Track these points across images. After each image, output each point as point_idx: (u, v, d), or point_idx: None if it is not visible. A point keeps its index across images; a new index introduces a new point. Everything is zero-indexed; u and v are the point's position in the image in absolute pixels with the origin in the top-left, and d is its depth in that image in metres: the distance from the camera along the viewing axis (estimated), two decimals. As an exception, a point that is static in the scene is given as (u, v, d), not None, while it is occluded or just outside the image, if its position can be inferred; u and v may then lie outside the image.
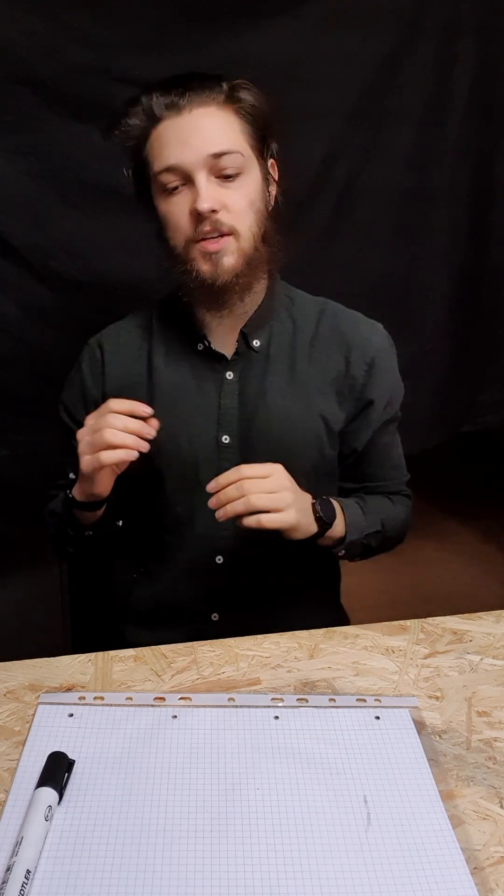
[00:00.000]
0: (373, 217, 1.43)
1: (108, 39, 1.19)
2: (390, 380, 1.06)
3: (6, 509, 1.43)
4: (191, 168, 0.90)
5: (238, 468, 0.88)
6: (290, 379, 1.02)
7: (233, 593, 1.05)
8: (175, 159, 0.90)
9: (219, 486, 0.87)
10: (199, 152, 0.89)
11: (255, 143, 0.94)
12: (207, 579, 1.04)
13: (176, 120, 0.90)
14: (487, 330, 1.60)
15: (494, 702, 0.81)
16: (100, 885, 0.60)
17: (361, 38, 1.29)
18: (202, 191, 0.89)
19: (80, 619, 1.62)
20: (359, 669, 0.86)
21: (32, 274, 1.29)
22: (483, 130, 1.42)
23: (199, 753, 0.72)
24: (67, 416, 1.08)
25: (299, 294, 1.07)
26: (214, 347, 1.01)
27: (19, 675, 0.84)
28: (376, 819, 0.66)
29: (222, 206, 0.90)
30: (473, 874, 0.62)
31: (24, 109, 1.20)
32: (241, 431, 1.01)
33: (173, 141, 0.90)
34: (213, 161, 0.89)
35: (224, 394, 1.02)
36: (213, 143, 0.89)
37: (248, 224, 0.93)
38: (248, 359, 1.02)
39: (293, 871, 0.61)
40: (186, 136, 0.89)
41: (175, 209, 0.92)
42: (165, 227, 0.95)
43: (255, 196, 0.94)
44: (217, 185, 0.91)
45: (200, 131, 0.89)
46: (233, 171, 0.90)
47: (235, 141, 0.91)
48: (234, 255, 0.93)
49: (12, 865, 0.59)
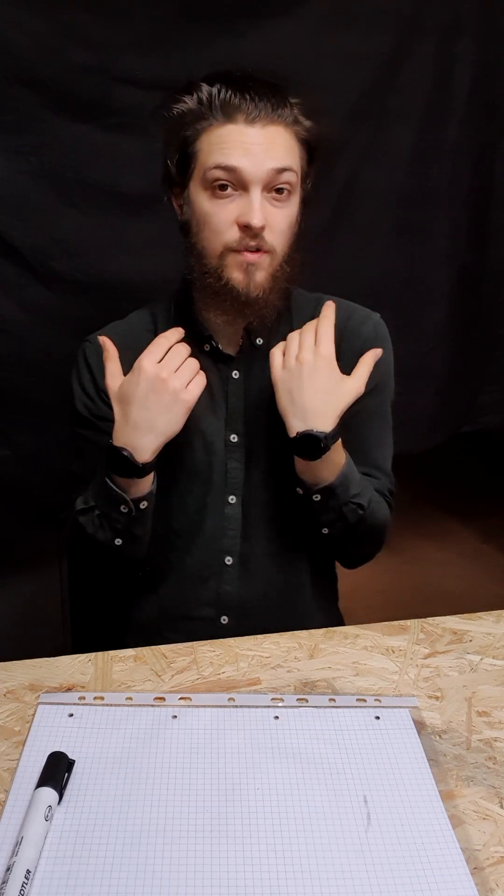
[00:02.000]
0: (373, 217, 1.43)
1: (109, 39, 1.19)
2: (379, 368, 1.03)
3: (6, 509, 1.43)
4: (250, 178, 0.89)
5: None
6: None
7: (242, 595, 1.05)
8: (237, 162, 0.89)
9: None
10: (263, 165, 0.89)
11: (303, 167, 0.95)
12: (216, 580, 1.04)
13: (245, 128, 0.89)
14: (487, 330, 1.60)
15: (494, 702, 0.81)
16: (100, 885, 0.60)
17: (361, 38, 1.30)
18: (256, 205, 0.89)
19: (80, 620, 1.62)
20: (359, 669, 0.86)
21: (32, 274, 1.29)
22: (483, 130, 1.43)
23: (199, 753, 0.72)
24: (93, 416, 1.03)
25: (297, 290, 1.07)
26: (221, 348, 1.01)
27: (19, 675, 0.84)
28: (376, 819, 0.66)
29: (268, 224, 0.91)
30: (473, 874, 0.61)
31: (24, 109, 1.20)
32: (248, 429, 1.02)
33: (238, 147, 0.89)
34: (272, 176, 0.90)
35: (231, 393, 1.02)
36: (277, 158, 0.90)
37: (284, 244, 0.94)
38: (252, 357, 1.02)
39: (293, 871, 0.61)
40: (253, 146, 0.89)
41: (221, 212, 0.91)
42: (202, 226, 0.93)
43: (294, 218, 0.95)
44: (268, 202, 0.91)
45: (269, 146, 0.89)
46: (286, 189, 0.92)
47: (294, 161, 0.92)
48: (266, 272, 0.93)
49: (12, 865, 0.59)
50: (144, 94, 1.21)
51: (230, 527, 1.03)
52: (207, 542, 1.03)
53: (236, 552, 1.04)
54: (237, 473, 1.02)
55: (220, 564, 1.04)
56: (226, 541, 1.03)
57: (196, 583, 1.05)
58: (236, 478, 1.02)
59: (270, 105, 0.89)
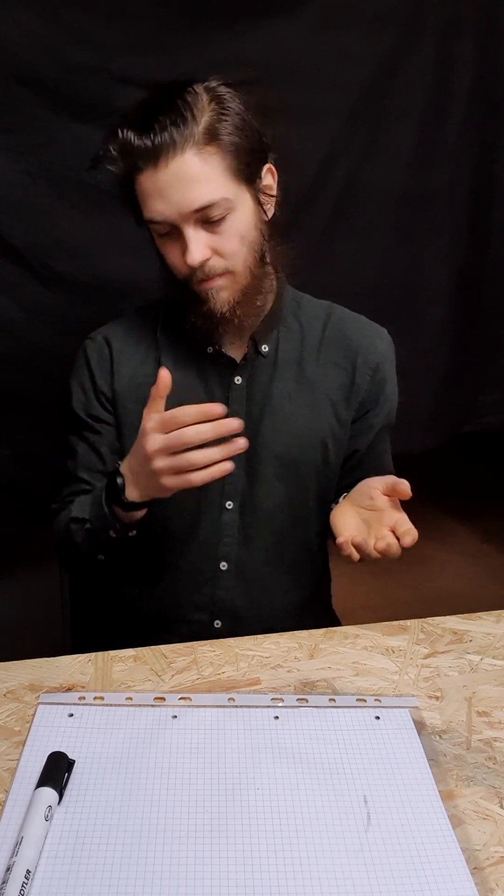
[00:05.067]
0: (373, 217, 1.43)
1: (108, 39, 1.19)
2: (391, 386, 1.07)
3: (6, 509, 1.42)
4: (176, 221, 0.88)
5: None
6: (297, 384, 1.01)
7: (236, 601, 1.05)
8: (159, 215, 0.88)
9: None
10: (182, 209, 0.86)
11: (242, 172, 0.89)
12: (211, 585, 1.04)
13: (154, 174, 0.86)
14: (487, 330, 1.60)
15: (494, 702, 0.81)
16: (100, 885, 0.60)
17: (361, 38, 1.29)
18: (190, 244, 0.88)
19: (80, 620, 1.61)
20: (359, 669, 0.86)
21: (32, 274, 1.28)
22: (483, 130, 1.42)
23: (199, 753, 0.72)
24: (88, 415, 1.04)
25: (305, 298, 1.07)
26: (224, 351, 1.01)
27: (19, 675, 0.84)
28: (376, 819, 0.66)
29: (213, 253, 0.90)
30: (473, 874, 0.62)
31: (24, 109, 1.20)
32: (248, 436, 1.01)
33: (155, 196, 0.87)
34: (197, 214, 0.87)
35: (232, 399, 1.01)
36: (194, 199, 0.86)
37: (242, 259, 0.92)
38: (257, 364, 1.01)
39: (293, 871, 0.61)
40: (167, 192, 0.86)
41: (170, 251, 0.92)
42: (163, 261, 0.94)
43: (246, 230, 0.91)
44: (206, 232, 0.89)
45: (181, 187, 0.86)
46: (219, 216, 0.88)
47: (218, 187, 0.87)
48: (229, 290, 0.93)
49: (12, 865, 0.59)
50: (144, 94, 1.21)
51: (227, 533, 1.03)
52: (203, 547, 1.03)
53: (232, 558, 1.03)
54: (235, 479, 1.01)
55: (216, 570, 1.03)
56: (222, 546, 1.03)
57: (191, 587, 1.05)
58: (234, 484, 1.01)
59: (170, 132, 0.84)
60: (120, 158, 0.88)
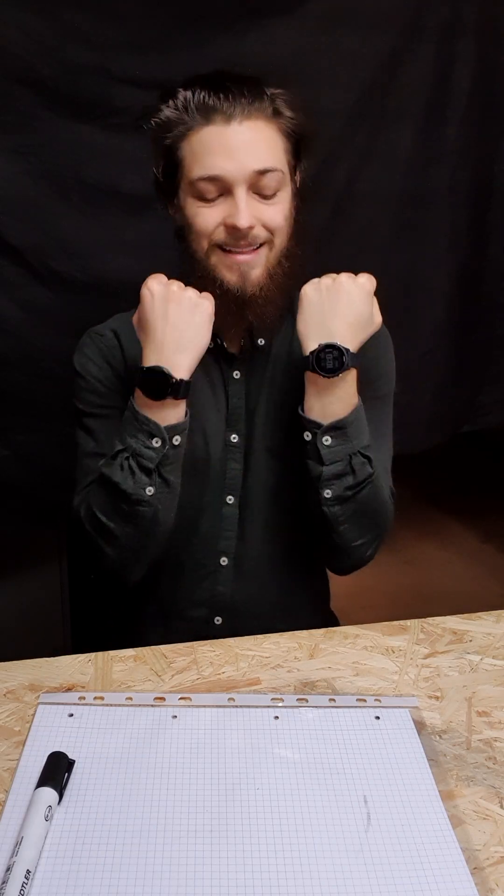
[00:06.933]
0: (373, 217, 1.43)
1: (109, 39, 1.19)
2: (380, 365, 1.04)
3: (6, 509, 1.43)
4: (233, 181, 0.89)
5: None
6: (290, 376, 1.02)
7: (236, 596, 1.05)
8: (219, 170, 0.89)
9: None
10: (245, 167, 0.88)
11: (292, 159, 0.94)
12: (211, 581, 1.04)
13: (223, 129, 0.88)
14: (487, 330, 1.60)
15: (494, 702, 0.81)
16: (100, 885, 0.60)
17: (361, 38, 1.29)
18: (242, 207, 0.89)
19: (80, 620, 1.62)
20: (359, 669, 0.86)
21: (32, 274, 1.29)
22: (483, 130, 1.43)
23: (199, 753, 0.72)
24: (102, 404, 1.00)
25: (297, 292, 1.06)
26: (225, 346, 1.01)
27: (19, 675, 0.84)
28: (376, 819, 0.66)
29: (259, 222, 0.91)
30: (473, 874, 0.61)
31: (24, 109, 1.20)
32: (248, 431, 1.02)
33: (218, 150, 0.88)
34: (256, 177, 0.89)
35: (232, 393, 1.02)
36: (259, 159, 0.89)
37: (281, 237, 0.94)
38: (253, 357, 1.02)
39: (293, 871, 0.61)
40: (233, 148, 0.88)
41: (206, 216, 0.91)
42: (188, 229, 0.94)
43: (286, 213, 0.94)
44: (255, 200, 0.91)
45: (249, 146, 0.89)
46: (272, 188, 0.91)
47: (278, 159, 0.91)
48: (261, 268, 0.93)
49: (12, 865, 0.59)
50: (144, 94, 1.20)
51: (227, 527, 1.03)
52: (204, 542, 1.03)
53: (232, 553, 1.03)
54: (236, 474, 1.02)
55: (216, 565, 1.04)
56: (222, 541, 1.03)
57: (191, 582, 1.05)
58: (235, 478, 1.02)
59: (247, 99, 0.88)
60: (184, 112, 0.90)
